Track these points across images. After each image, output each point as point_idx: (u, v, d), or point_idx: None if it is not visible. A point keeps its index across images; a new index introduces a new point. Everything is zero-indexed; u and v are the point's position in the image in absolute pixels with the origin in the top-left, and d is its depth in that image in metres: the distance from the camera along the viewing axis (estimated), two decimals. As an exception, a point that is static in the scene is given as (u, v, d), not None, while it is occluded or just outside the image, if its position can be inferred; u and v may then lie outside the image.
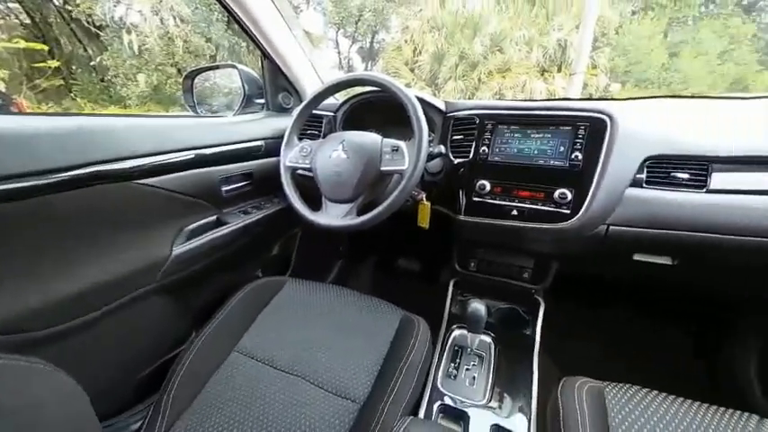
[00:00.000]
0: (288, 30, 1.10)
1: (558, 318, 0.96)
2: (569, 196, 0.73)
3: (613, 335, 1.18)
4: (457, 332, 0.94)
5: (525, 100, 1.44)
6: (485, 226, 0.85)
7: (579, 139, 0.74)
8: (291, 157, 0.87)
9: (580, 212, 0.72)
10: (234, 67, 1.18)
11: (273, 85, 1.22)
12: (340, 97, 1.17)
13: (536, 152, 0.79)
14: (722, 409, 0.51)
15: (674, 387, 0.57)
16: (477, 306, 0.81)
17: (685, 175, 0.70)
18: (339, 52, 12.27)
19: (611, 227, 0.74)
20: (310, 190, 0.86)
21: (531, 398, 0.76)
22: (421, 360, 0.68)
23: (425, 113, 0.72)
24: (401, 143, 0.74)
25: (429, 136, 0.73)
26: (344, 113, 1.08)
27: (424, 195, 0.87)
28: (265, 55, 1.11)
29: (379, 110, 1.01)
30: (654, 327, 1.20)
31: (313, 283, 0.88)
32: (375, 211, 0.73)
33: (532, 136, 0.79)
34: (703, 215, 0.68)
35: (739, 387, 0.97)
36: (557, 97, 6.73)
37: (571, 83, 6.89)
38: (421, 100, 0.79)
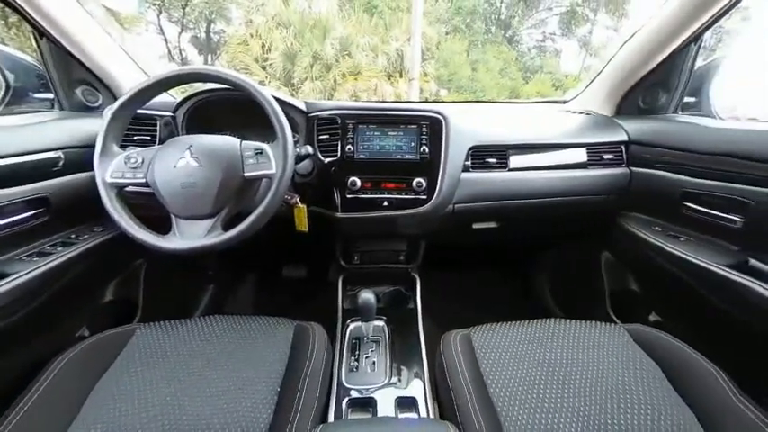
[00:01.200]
0: (74, 1, 0.82)
1: (432, 287, 1.14)
2: (424, 184, 0.87)
3: (471, 289, 1.50)
4: (352, 325, 0.97)
5: (379, 101, 1.61)
6: (362, 219, 0.91)
7: (424, 135, 0.88)
8: (114, 170, 0.67)
9: (434, 197, 0.88)
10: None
11: (65, 77, 0.90)
12: (177, 95, 0.98)
13: (394, 148, 0.89)
14: (538, 320, 0.73)
15: (512, 315, 0.77)
16: (366, 296, 0.86)
17: (493, 160, 0.94)
18: (166, 40, 10.14)
19: (456, 205, 0.93)
20: (151, 209, 0.69)
21: (422, 362, 0.88)
22: (322, 365, 0.66)
23: (286, 114, 0.69)
24: (265, 145, 0.68)
25: (294, 137, 0.71)
26: (187, 113, 0.91)
27: (298, 198, 0.84)
28: (41, 33, 0.81)
29: (231, 109, 0.90)
30: (494, 276, 1.59)
31: (175, 323, 0.72)
32: (246, 223, 0.65)
33: (389, 134, 0.89)
34: (507, 187, 0.95)
35: (543, 301, 1.42)
36: (402, 100, 7.77)
37: (411, 87, 8.09)
38: (279, 101, 0.75)
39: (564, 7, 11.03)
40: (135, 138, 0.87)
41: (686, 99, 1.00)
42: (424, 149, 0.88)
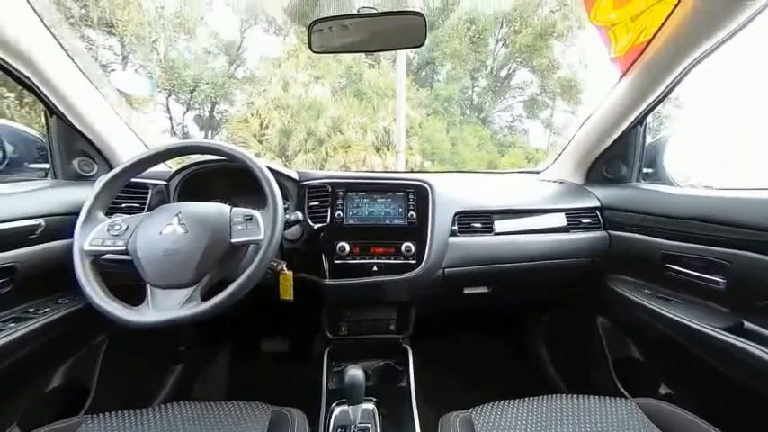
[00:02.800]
0: (89, 84, 0.91)
1: (426, 358, 1.05)
2: (413, 249, 0.88)
3: (467, 357, 1.39)
4: (337, 410, 0.86)
5: (367, 171, 1.71)
6: (351, 286, 0.88)
7: (411, 202, 0.92)
8: (94, 237, 0.65)
9: (423, 261, 0.87)
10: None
11: (65, 149, 0.94)
12: (173, 165, 1.02)
13: (383, 213, 0.92)
14: (545, 396, 0.67)
15: (513, 386, 0.70)
16: (354, 373, 0.78)
17: (479, 224, 0.98)
18: (171, 118, 10.99)
19: (446, 270, 0.92)
20: (126, 279, 0.65)
21: None
22: None
23: (279, 183, 0.72)
24: (255, 212, 0.69)
25: (284, 204, 0.73)
26: (180, 182, 0.93)
27: (285, 265, 0.82)
28: (52, 111, 0.86)
29: (224, 179, 0.93)
30: (490, 343, 1.50)
31: (131, 413, 0.61)
32: (228, 291, 0.62)
33: (378, 200, 0.93)
34: (495, 251, 0.96)
35: (544, 370, 1.31)
36: (390, 170, 8.33)
37: (397, 159, 8.76)
38: (272, 170, 0.79)
39: (526, 96, 12.91)
40: (123, 205, 0.87)
41: (645, 170, 1.12)
42: (411, 215, 0.90)
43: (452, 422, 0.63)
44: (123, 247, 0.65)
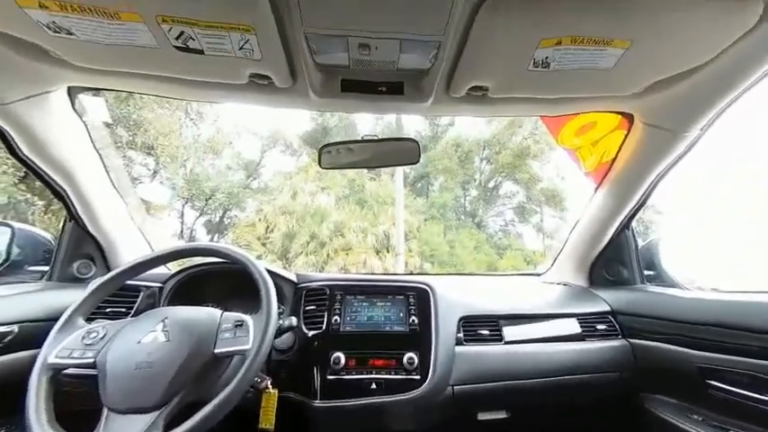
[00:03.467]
0: (116, 195, 0.99)
1: None
2: (416, 360, 0.79)
3: None
4: None
5: (367, 273, 1.70)
6: (344, 409, 0.75)
7: (412, 305, 0.88)
8: (64, 347, 0.59)
9: (429, 376, 0.77)
10: (6, 225, 0.89)
11: (71, 251, 0.95)
12: (172, 267, 1.02)
13: (383, 318, 0.86)
14: None
15: None
16: None
17: (486, 331, 0.90)
18: (183, 222, 11.65)
19: (455, 387, 0.80)
20: (82, 401, 0.56)
21: None
22: None
23: (276, 285, 0.71)
24: (246, 317, 0.65)
25: (279, 308, 0.69)
26: (175, 285, 0.91)
27: (270, 381, 0.72)
28: (72, 216, 0.92)
29: (220, 282, 0.91)
30: None
31: None
32: (199, 416, 0.52)
33: (378, 304, 0.89)
34: (507, 364, 0.86)
35: None
36: (390, 272, 8.28)
37: (397, 261, 8.82)
38: (271, 272, 0.78)
39: (515, 204, 14.07)
40: (107, 310, 0.83)
41: (646, 272, 1.11)
42: (413, 320, 0.85)
43: None
44: (91, 360, 0.58)
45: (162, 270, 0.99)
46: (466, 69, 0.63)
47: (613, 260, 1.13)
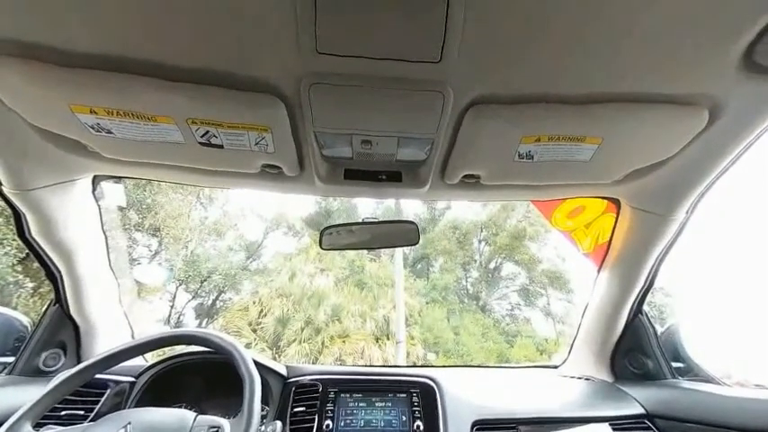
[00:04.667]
0: (111, 275, 0.97)
1: None
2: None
3: None
4: None
5: (365, 366, 1.52)
6: None
7: (416, 406, 0.76)
8: None
9: None
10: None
11: (45, 339, 0.88)
12: (150, 358, 0.92)
13: (382, 423, 0.74)
14: None
15: None
16: None
17: (506, 441, 0.76)
18: (173, 306, 11.07)
19: None
20: None
21: None
22: None
23: (262, 378, 0.63)
24: (224, 422, 0.56)
25: (262, 410, 0.60)
26: (149, 380, 0.81)
27: None
28: (57, 299, 0.88)
29: (199, 376, 0.82)
30: None
31: None
32: None
33: (376, 404, 0.77)
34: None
35: None
36: (390, 364, 7.46)
37: (398, 349, 8.05)
38: (258, 364, 0.70)
39: (518, 286, 13.68)
40: (62, 412, 0.71)
41: (674, 364, 1.00)
42: (417, 425, 0.73)
43: None
44: None
45: (138, 361, 0.89)
46: (458, 160, 0.70)
47: (634, 350, 1.03)
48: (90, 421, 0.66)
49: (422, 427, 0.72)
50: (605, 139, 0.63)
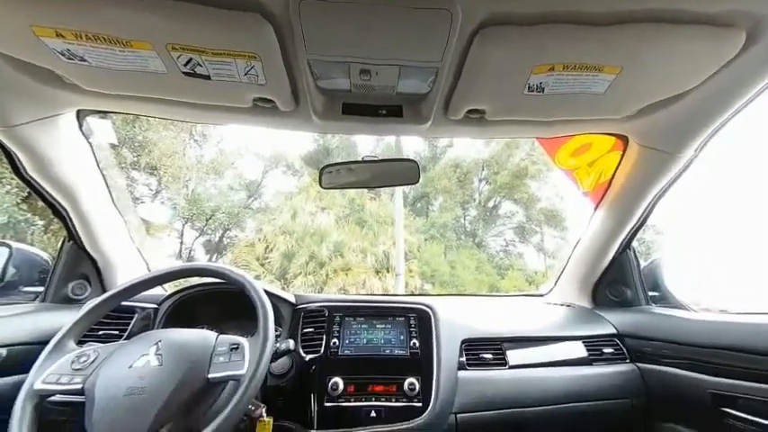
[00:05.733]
0: (117, 214, 0.99)
1: None
2: (417, 386, 0.76)
3: None
4: None
5: (367, 294, 1.66)
6: (342, 440, 0.71)
7: (413, 328, 0.85)
8: (52, 372, 0.57)
9: (430, 403, 0.74)
10: (4, 244, 0.89)
11: (67, 271, 0.94)
12: (169, 288, 1.00)
13: (382, 341, 0.83)
14: None
15: None
16: None
17: (489, 355, 0.88)
18: (182, 242, 11.59)
19: (458, 415, 0.77)
20: (66, 429, 0.54)
21: None
22: None
23: (273, 306, 0.69)
24: (242, 340, 0.64)
25: (276, 330, 0.67)
26: (171, 307, 0.89)
27: (264, 409, 0.69)
28: (71, 236, 0.91)
29: (217, 303, 0.90)
30: None
31: None
32: None
33: (377, 326, 0.86)
34: (512, 390, 0.83)
35: None
36: (390, 293, 8.14)
37: (397, 281, 8.70)
38: (269, 293, 0.77)
39: (514, 224, 14.08)
40: (100, 332, 0.80)
41: (650, 293, 1.09)
42: (414, 343, 0.82)
43: None
44: (79, 386, 0.56)
45: (157, 291, 0.97)
46: (463, 94, 0.66)
47: (616, 281, 1.11)
48: (124, 339, 0.75)
49: (417, 344, 0.82)
50: (625, 68, 0.58)
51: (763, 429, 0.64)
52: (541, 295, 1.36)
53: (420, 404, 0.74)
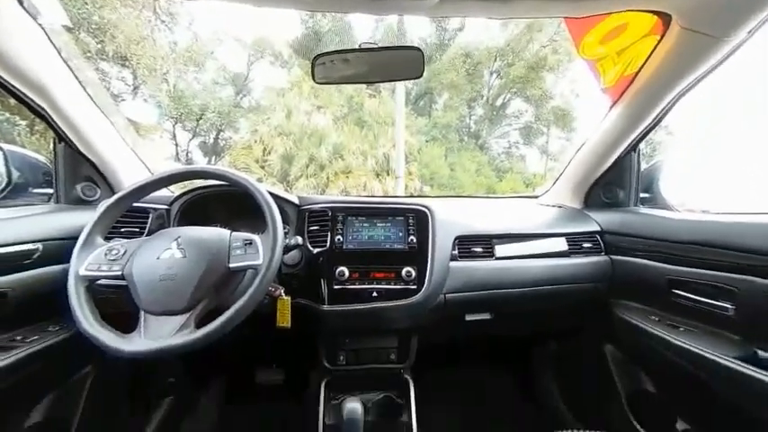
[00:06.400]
0: (99, 113, 0.94)
1: (427, 390, 1.00)
2: (413, 273, 0.86)
3: (471, 389, 1.34)
4: None
5: (368, 196, 1.73)
6: (350, 312, 0.86)
7: (411, 226, 0.92)
8: (91, 262, 0.64)
9: (424, 287, 0.86)
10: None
11: (70, 174, 0.95)
12: (175, 190, 1.03)
13: (383, 237, 0.91)
14: None
15: (519, 420, 0.66)
16: (352, 406, 0.74)
17: (479, 249, 0.97)
18: (177, 144, 11.30)
19: (447, 295, 0.90)
20: (119, 306, 0.64)
21: None
22: None
23: (279, 207, 0.73)
24: (254, 236, 0.69)
25: (284, 228, 0.73)
26: (181, 207, 0.94)
27: (283, 290, 0.81)
28: (61, 138, 0.89)
29: (224, 204, 0.94)
30: (495, 374, 1.44)
31: None
32: (223, 317, 0.60)
33: (378, 224, 0.93)
34: (496, 276, 0.95)
35: (552, 402, 1.24)
36: (390, 195, 8.42)
37: (397, 184, 8.88)
38: (273, 195, 0.79)
39: (522, 124, 13.35)
40: (122, 229, 0.87)
41: (642, 195, 1.13)
42: (411, 239, 0.90)
43: None
44: (119, 272, 0.64)
45: (165, 193, 1.00)
46: None
47: (612, 183, 1.13)
48: (145, 236, 0.82)
49: (415, 240, 0.90)
50: None
51: (699, 303, 0.77)
52: (536, 197, 1.40)
53: (415, 287, 0.87)
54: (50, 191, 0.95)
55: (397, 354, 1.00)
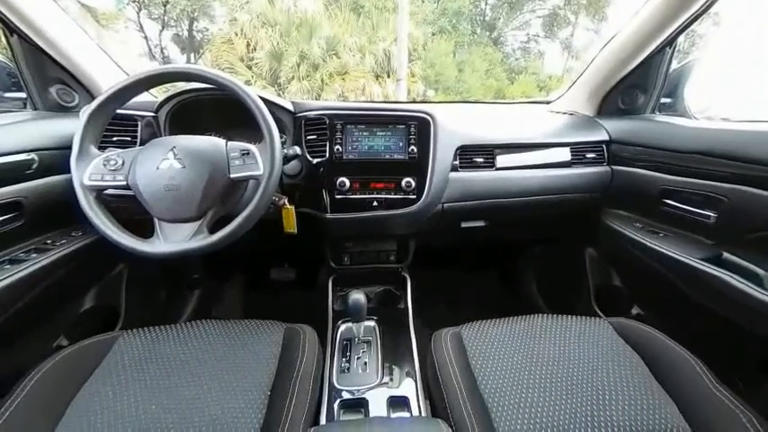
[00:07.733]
0: None
1: (422, 286, 1.15)
2: (413, 184, 0.88)
3: (461, 287, 1.52)
4: (343, 327, 0.97)
5: (367, 102, 1.60)
6: (351, 220, 0.91)
7: (412, 135, 0.88)
8: (92, 172, 0.64)
9: (423, 197, 0.88)
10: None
11: (38, 75, 0.86)
12: (158, 94, 0.95)
13: (383, 148, 0.89)
14: (526, 316, 0.74)
15: (501, 311, 0.78)
16: (357, 296, 0.85)
17: (480, 159, 0.96)
18: (146, 38, 9.84)
19: (445, 204, 0.94)
20: (133, 213, 0.67)
21: (413, 361, 0.88)
22: (313, 367, 0.66)
23: (273, 114, 0.68)
24: (251, 146, 0.67)
25: (281, 137, 0.70)
26: (169, 114, 0.88)
27: (287, 199, 0.83)
28: (11, 29, 0.77)
29: (215, 110, 0.88)
30: (483, 274, 1.63)
31: (160, 329, 0.69)
32: (233, 225, 0.64)
33: (378, 134, 0.89)
34: (494, 186, 0.97)
35: (530, 297, 1.45)
36: (391, 100, 7.79)
37: (398, 87, 8.11)
38: (266, 101, 0.73)
39: (546, 9, 11.30)
40: (114, 138, 0.84)
41: (663, 100, 1.04)
42: (412, 149, 0.88)
43: (443, 336, 0.72)
44: (124, 182, 0.64)
45: (148, 98, 0.93)
46: None
47: (634, 87, 1.03)
48: (139, 146, 0.80)
49: (415, 150, 0.88)
50: None
51: (684, 212, 0.81)
52: (548, 102, 1.30)
53: (414, 196, 0.89)
54: (23, 95, 0.88)
55: (396, 255, 1.11)
